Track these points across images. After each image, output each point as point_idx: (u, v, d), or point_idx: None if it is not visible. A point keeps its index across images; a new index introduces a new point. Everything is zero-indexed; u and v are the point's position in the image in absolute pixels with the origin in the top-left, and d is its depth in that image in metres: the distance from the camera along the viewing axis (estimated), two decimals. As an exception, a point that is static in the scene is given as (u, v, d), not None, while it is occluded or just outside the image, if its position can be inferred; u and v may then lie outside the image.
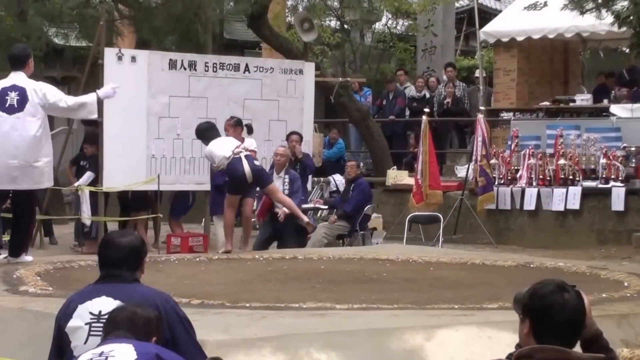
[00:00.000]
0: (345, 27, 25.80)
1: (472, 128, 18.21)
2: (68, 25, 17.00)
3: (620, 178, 14.99)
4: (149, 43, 16.46)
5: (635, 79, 18.75)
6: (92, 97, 10.17)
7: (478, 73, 20.05)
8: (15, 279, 8.67)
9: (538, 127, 16.75)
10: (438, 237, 14.82)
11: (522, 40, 18.91)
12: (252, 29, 18.38)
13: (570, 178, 15.27)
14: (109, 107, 13.38)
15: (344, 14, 25.24)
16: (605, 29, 17.19)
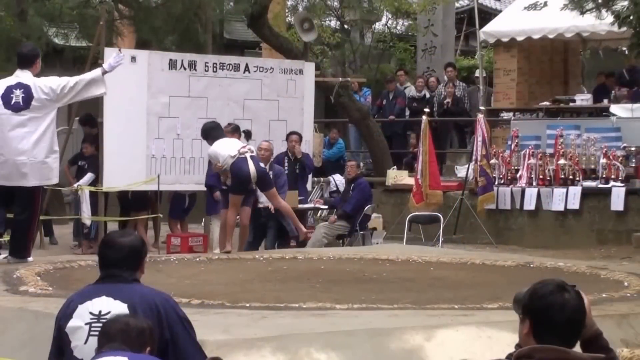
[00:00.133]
0: (345, 27, 25.80)
1: (472, 128, 18.21)
2: (68, 25, 16.99)
3: (620, 178, 14.98)
4: (149, 43, 16.46)
5: (635, 79, 18.74)
6: (97, 72, 10.12)
7: (478, 73, 20.05)
8: (15, 279, 8.67)
9: (538, 127, 16.75)
10: (438, 237, 14.81)
11: (522, 40, 18.90)
12: (252, 29, 18.37)
13: (570, 178, 15.27)
14: (109, 107, 13.41)
15: (344, 14, 25.24)
16: (605, 29, 17.17)
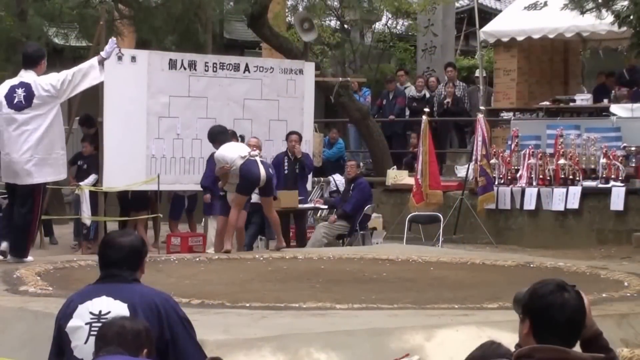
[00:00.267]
0: (345, 27, 25.78)
1: (472, 128, 18.20)
2: (68, 25, 17.00)
3: (620, 178, 14.98)
4: (149, 43, 16.46)
5: (635, 79, 18.74)
6: (93, 60, 10.20)
7: (478, 73, 20.03)
8: (15, 279, 8.67)
9: (538, 126, 16.74)
10: (438, 237, 14.81)
11: (522, 40, 18.89)
12: (252, 29, 18.37)
13: (570, 178, 15.26)
14: (109, 107, 13.41)
15: (344, 14, 25.22)
16: (606, 29, 17.17)
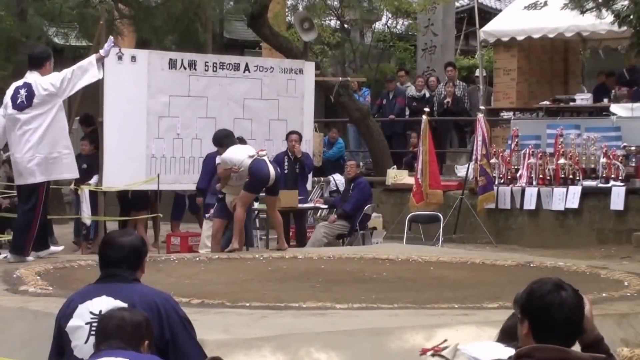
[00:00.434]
0: (345, 26, 25.79)
1: (472, 127, 18.20)
2: (68, 25, 17.00)
3: (620, 177, 14.97)
4: (149, 42, 16.46)
5: (635, 79, 18.74)
6: (91, 58, 10.24)
7: (478, 72, 20.03)
8: (15, 279, 8.67)
9: (538, 126, 16.74)
10: (438, 236, 14.80)
11: (522, 40, 18.89)
12: (252, 29, 18.37)
13: (571, 177, 15.26)
14: (109, 106, 13.40)
15: (344, 14, 25.23)
16: (606, 29, 17.17)
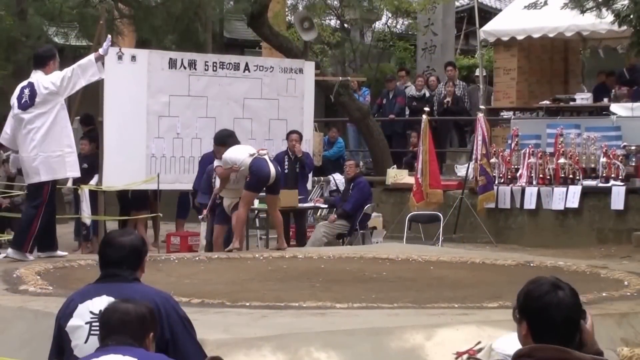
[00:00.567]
0: (345, 26, 25.78)
1: (472, 127, 18.20)
2: (68, 25, 16.99)
3: (621, 177, 14.97)
4: (149, 42, 16.46)
5: (635, 78, 18.72)
6: (90, 57, 10.28)
7: (478, 72, 20.03)
8: (15, 278, 8.67)
9: (538, 126, 16.74)
10: (438, 236, 14.79)
11: (522, 39, 18.89)
12: (252, 28, 18.37)
13: (571, 177, 15.25)
14: (109, 106, 13.41)
15: (344, 13, 25.22)
16: (606, 28, 17.16)
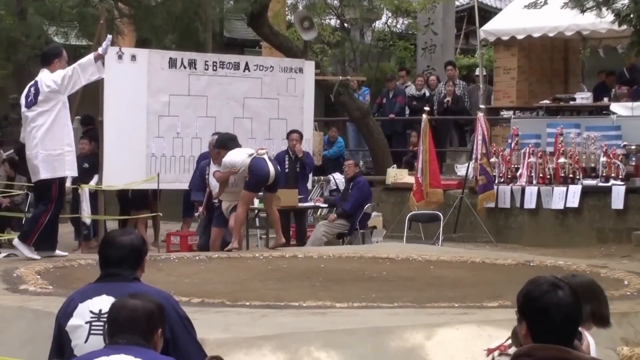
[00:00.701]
0: (345, 25, 25.78)
1: (472, 126, 18.20)
2: (68, 24, 16.99)
3: (621, 176, 14.97)
4: (149, 42, 16.46)
5: (636, 77, 18.72)
6: (90, 57, 10.32)
7: (478, 71, 20.03)
8: (15, 278, 8.67)
9: (538, 125, 16.74)
10: (438, 235, 14.79)
11: (522, 39, 18.88)
12: (252, 28, 18.37)
13: (571, 176, 15.25)
14: (109, 106, 13.41)
15: (344, 13, 25.22)
16: (606, 27, 17.16)
